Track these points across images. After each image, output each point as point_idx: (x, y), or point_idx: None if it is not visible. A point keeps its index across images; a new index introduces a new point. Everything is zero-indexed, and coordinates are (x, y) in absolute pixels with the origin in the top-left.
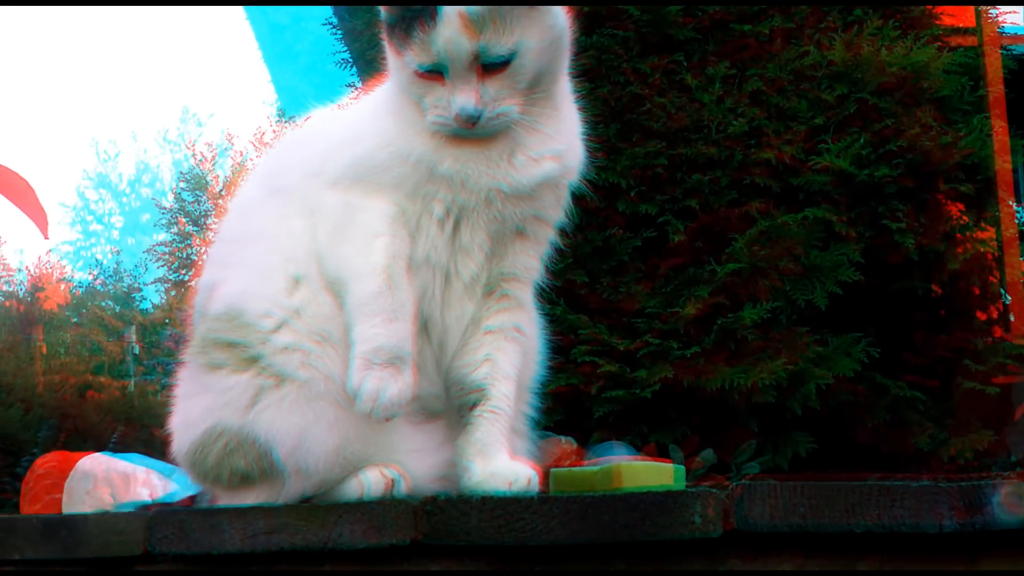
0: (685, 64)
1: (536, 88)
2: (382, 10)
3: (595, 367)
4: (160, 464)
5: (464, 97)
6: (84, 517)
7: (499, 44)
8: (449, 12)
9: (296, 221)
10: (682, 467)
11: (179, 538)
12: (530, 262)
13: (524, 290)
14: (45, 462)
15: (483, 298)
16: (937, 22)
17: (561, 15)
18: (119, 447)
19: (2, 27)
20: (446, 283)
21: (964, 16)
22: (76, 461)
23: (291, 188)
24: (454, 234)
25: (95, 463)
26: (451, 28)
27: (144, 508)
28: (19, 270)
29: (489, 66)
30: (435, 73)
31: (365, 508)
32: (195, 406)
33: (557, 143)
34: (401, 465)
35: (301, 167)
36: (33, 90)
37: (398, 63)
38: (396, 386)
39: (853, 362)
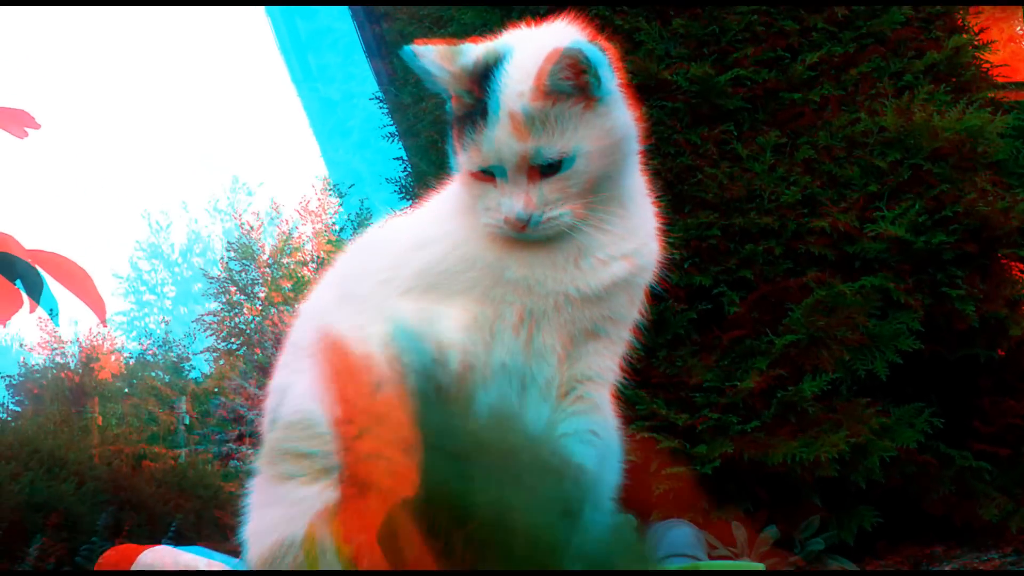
0: (736, 134)
1: (597, 191)
2: (450, 103)
3: (654, 443)
4: (221, 556)
5: (512, 200)
6: None
7: (550, 147)
8: (500, 112)
9: (370, 328)
10: (762, 565)
11: None
12: (605, 363)
13: (600, 391)
14: (109, 557)
15: (558, 401)
16: (991, 83)
17: (623, 116)
18: (180, 536)
19: (53, 99)
20: (522, 388)
21: (1018, 76)
22: (137, 554)
23: (364, 295)
24: (529, 338)
25: (159, 556)
26: (502, 129)
27: None
28: (72, 342)
29: (542, 168)
30: (489, 174)
31: None
32: (266, 516)
33: (628, 244)
34: None
35: (373, 274)
36: (86, 163)
37: (458, 163)
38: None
39: (916, 433)
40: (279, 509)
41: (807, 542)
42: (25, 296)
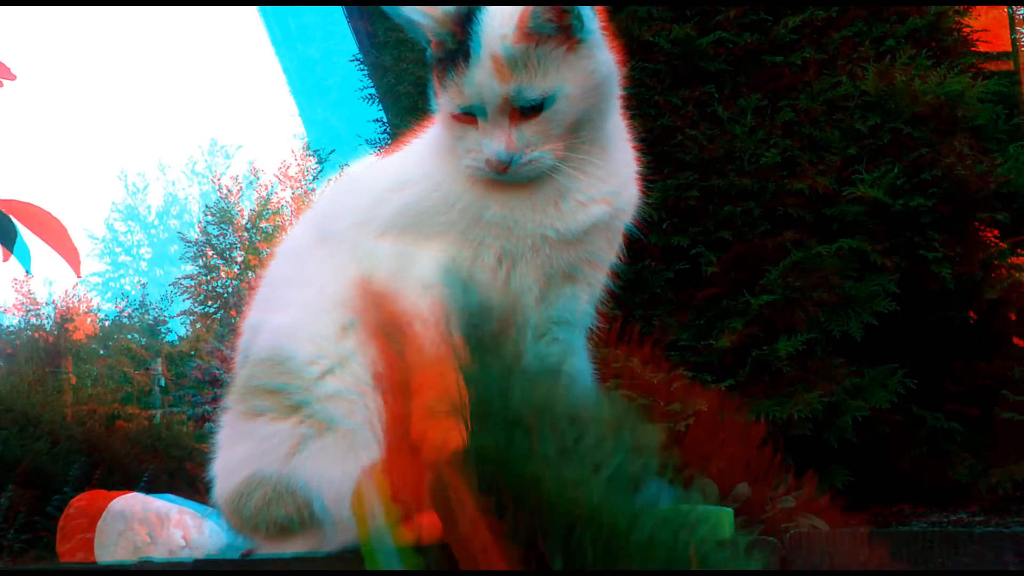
0: (716, 95)
1: (578, 132)
2: (429, 49)
3: (628, 401)
4: (193, 504)
5: (494, 141)
6: (121, 568)
7: (532, 88)
8: (482, 54)
9: (345, 270)
10: (730, 510)
11: None
12: (582, 306)
13: (576, 334)
14: (78, 502)
15: (534, 343)
16: (973, 48)
17: (605, 58)
18: (154, 484)
19: (33, 58)
20: (498, 329)
21: (999, 42)
22: (109, 500)
23: (341, 235)
24: (506, 280)
25: (129, 503)
26: (483, 70)
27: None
28: (47, 303)
29: (522, 110)
30: (470, 116)
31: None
32: (235, 453)
33: (607, 185)
34: None
35: (351, 214)
36: (62, 122)
37: (439, 104)
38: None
39: (889, 393)
40: (248, 445)
41: (778, 500)
42: None
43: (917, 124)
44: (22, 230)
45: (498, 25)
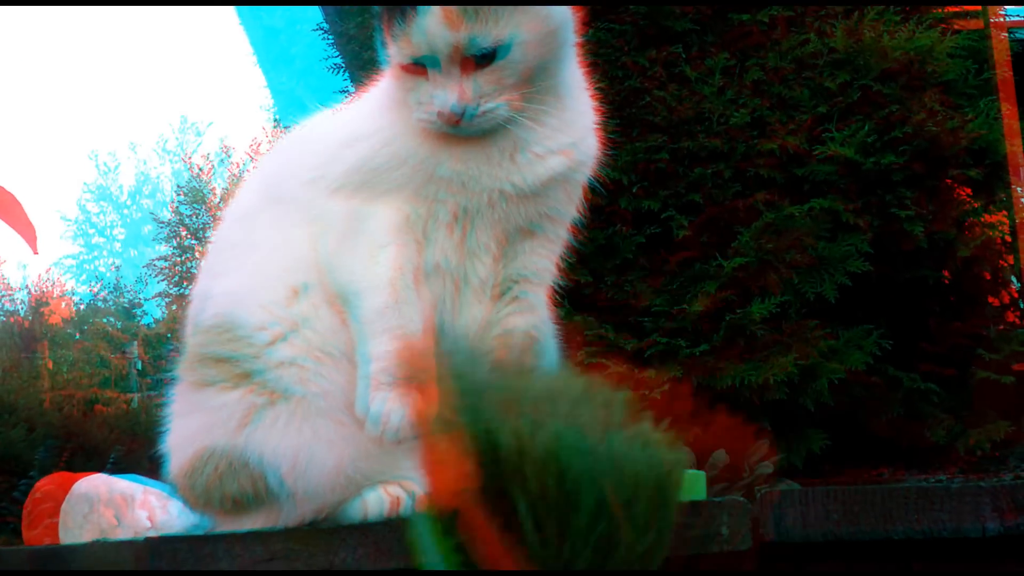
0: (684, 56)
1: (534, 82)
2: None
3: (602, 368)
4: (158, 484)
5: (446, 93)
6: (72, 548)
7: (484, 36)
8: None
9: (296, 230)
10: (702, 473)
11: (173, 568)
12: (542, 262)
13: (537, 292)
14: (44, 485)
15: (494, 301)
16: (939, 9)
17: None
18: (122, 465)
19: None
20: (456, 288)
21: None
22: (73, 482)
23: (291, 196)
24: (463, 237)
25: (93, 485)
26: (432, 18)
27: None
28: (22, 287)
29: (475, 59)
30: (420, 67)
31: (369, 530)
32: (185, 426)
33: (565, 137)
34: (409, 482)
35: (300, 173)
36: (30, 102)
37: (388, 56)
38: (405, 407)
39: (865, 355)
40: (198, 417)
41: (756, 466)
42: None
43: (887, 81)
44: None
45: None
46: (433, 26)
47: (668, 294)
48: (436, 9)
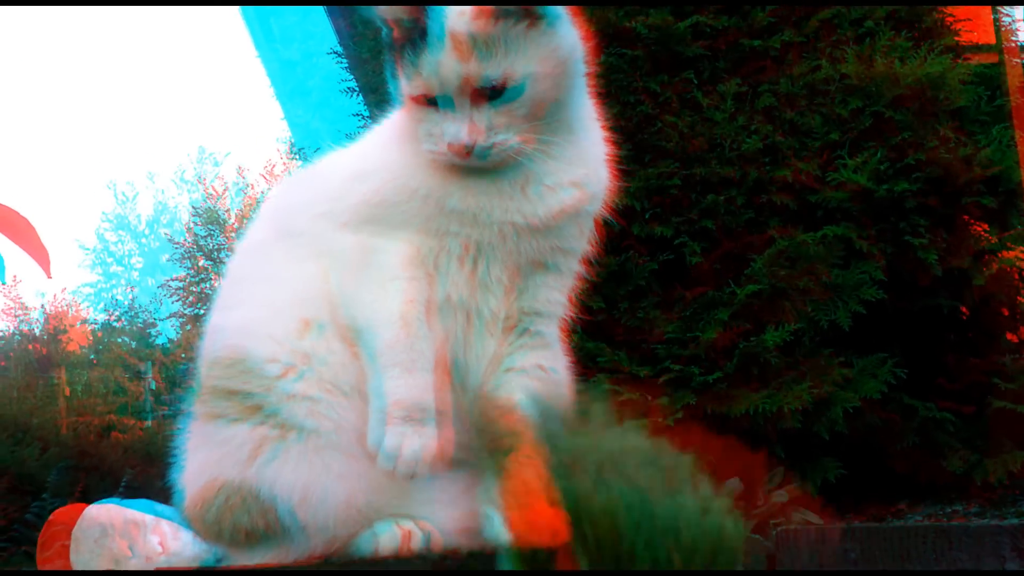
0: (696, 82)
1: (546, 115)
2: (385, 28)
3: (615, 396)
4: (170, 511)
5: (456, 125)
6: None
7: (495, 68)
8: (442, 33)
9: (307, 264)
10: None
11: None
12: (554, 295)
13: (548, 326)
14: (60, 516)
15: (504, 335)
16: (956, 38)
17: (570, 35)
18: (135, 488)
19: (18, 71)
20: (468, 322)
21: (979, 27)
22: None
23: (301, 230)
24: (474, 270)
25: (106, 512)
26: (445, 51)
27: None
28: (38, 309)
29: (486, 92)
30: (431, 101)
31: (379, 565)
32: (197, 459)
33: (578, 169)
34: (419, 517)
35: (311, 207)
36: (50, 131)
37: (398, 88)
38: (419, 441)
39: (880, 384)
40: (208, 450)
41: (771, 495)
42: None
43: (899, 108)
44: None
45: (458, 4)
46: (444, 60)
47: (681, 322)
48: (447, 41)
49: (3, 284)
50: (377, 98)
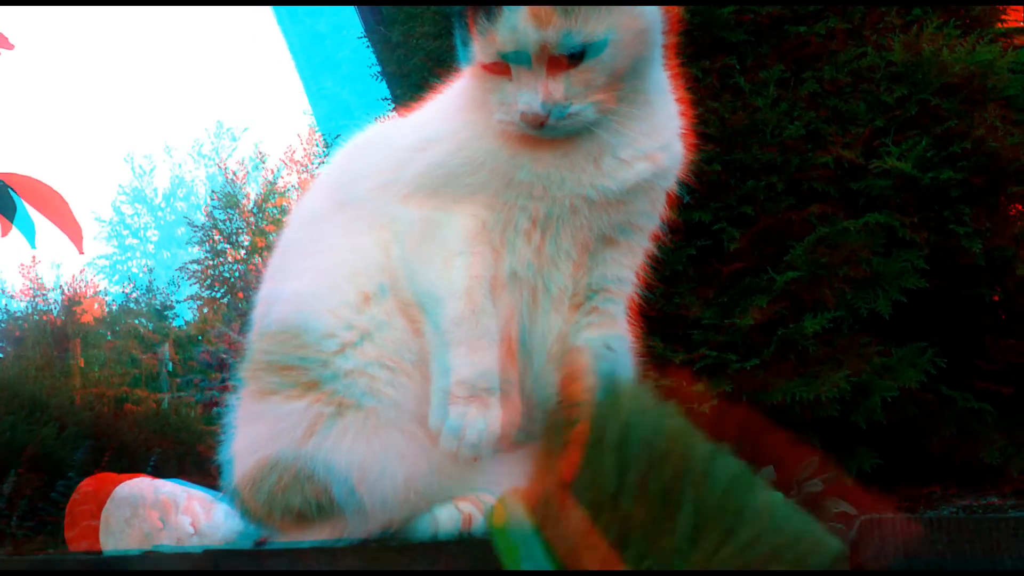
0: (738, 67)
1: (621, 83)
2: None
3: (648, 381)
4: (203, 489)
5: (532, 93)
6: (126, 557)
7: (576, 33)
8: None
9: (367, 236)
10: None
11: None
12: (622, 272)
13: (616, 303)
14: (85, 486)
15: (571, 312)
16: (1000, 23)
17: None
18: (155, 468)
19: (38, 42)
20: (533, 297)
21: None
22: (116, 484)
23: (361, 200)
24: (542, 244)
25: (138, 487)
26: (521, 13)
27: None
28: (55, 287)
29: (564, 58)
30: (503, 65)
31: (442, 549)
32: (249, 435)
33: (651, 142)
34: (486, 495)
35: (371, 177)
36: (69, 104)
37: (468, 54)
38: (483, 422)
39: (919, 373)
40: (262, 425)
41: (804, 484)
42: None
43: (946, 95)
44: (26, 207)
45: None
46: (522, 23)
47: (718, 307)
48: (526, 6)
49: (33, 249)
50: (407, 81)
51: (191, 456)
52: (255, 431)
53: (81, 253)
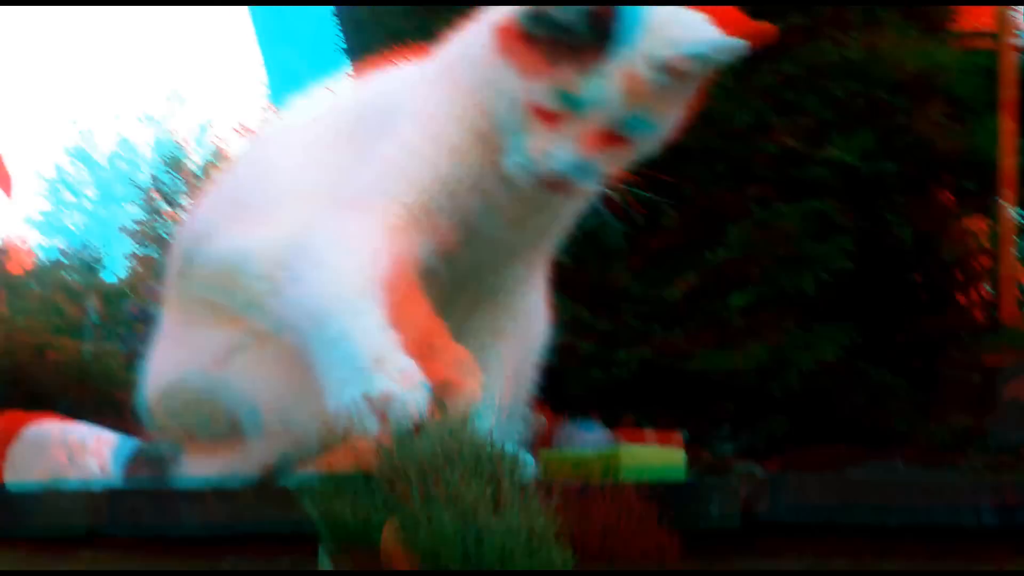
0: None
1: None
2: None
3: (574, 347)
4: (110, 433)
5: (574, 154)
6: (23, 495)
7: (649, 118)
8: (618, 62)
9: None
10: (683, 452)
11: (129, 519)
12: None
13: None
14: None
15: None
16: (961, 27)
17: None
18: (68, 412)
19: None
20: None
21: (985, 18)
22: (24, 423)
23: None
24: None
25: (47, 429)
26: (609, 80)
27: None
28: None
29: (619, 133)
30: (548, 111)
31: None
32: (165, 358)
33: None
34: None
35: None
36: (18, 80)
37: (507, 77)
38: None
39: (837, 348)
40: (179, 351)
41: (717, 447)
42: None
43: (897, 92)
44: None
45: (650, 42)
46: (606, 89)
47: (647, 280)
48: (617, 74)
49: None
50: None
51: (110, 403)
52: (172, 355)
53: (9, 197)
